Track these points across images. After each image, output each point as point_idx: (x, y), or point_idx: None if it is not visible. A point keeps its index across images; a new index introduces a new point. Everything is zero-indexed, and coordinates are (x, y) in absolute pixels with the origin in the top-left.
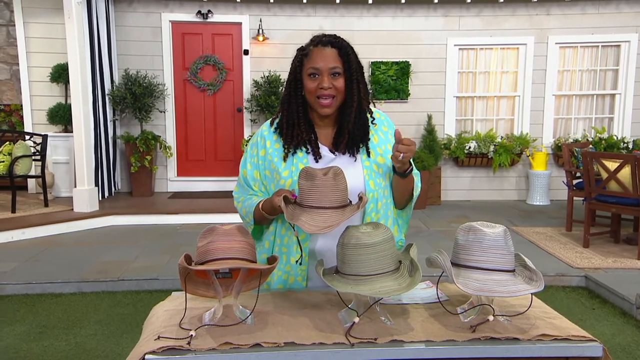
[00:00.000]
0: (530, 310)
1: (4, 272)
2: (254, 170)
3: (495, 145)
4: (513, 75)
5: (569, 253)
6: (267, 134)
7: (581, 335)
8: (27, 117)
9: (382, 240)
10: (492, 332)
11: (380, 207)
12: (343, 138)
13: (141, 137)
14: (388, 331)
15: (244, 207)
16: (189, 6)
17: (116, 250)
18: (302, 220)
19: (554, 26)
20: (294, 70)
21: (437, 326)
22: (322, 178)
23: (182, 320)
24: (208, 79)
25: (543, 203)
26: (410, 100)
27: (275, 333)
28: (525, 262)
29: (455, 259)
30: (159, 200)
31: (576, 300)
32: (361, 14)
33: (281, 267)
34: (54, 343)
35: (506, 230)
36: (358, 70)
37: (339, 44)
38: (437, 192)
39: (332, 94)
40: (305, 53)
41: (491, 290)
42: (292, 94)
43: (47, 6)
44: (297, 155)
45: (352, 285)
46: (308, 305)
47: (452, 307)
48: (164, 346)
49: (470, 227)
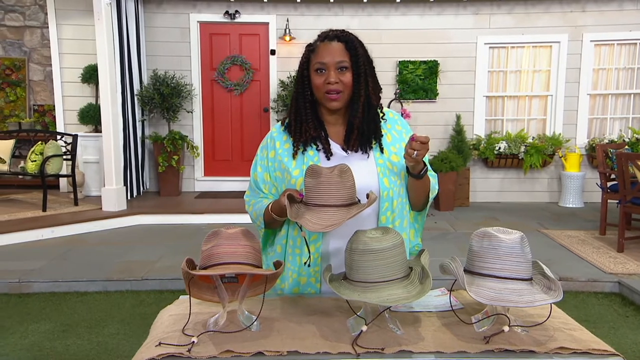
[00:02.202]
0: (549, 320)
1: (32, 270)
2: (264, 173)
3: (526, 146)
4: (545, 74)
5: (602, 258)
6: (277, 134)
7: (602, 349)
8: (59, 117)
9: (391, 245)
10: (506, 343)
11: (396, 206)
12: (353, 134)
13: (169, 137)
14: (397, 341)
15: (255, 210)
16: (217, 7)
17: (141, 250)
18: (306, 219)
19: (589, 23)
20: (301, 67)
21: (449, 336)
22: (327, 175)
23: (186, 326)
24: (235, 79)
25: (576, 205)
26: (439, 100)
27: (279, 341)
28: (544, 270)
29: (469, 266)
30: (185, 199)
31: (608, 307)
32: (389, 12)
33: (295, 269)
34: (77, 342)
35: (523, 237)
36: (367, 65)
37: (346, 38)
38: (466, 194)
39: (339, 89)
40: (312, 49)
41: (506, 299)
42: (300, 91)
43: (79, 8)
44: (308, 154)
45: (359, 292)
46: (317, 311)
47: (467, 316)
48: (164, 353)
49: (485, 233)
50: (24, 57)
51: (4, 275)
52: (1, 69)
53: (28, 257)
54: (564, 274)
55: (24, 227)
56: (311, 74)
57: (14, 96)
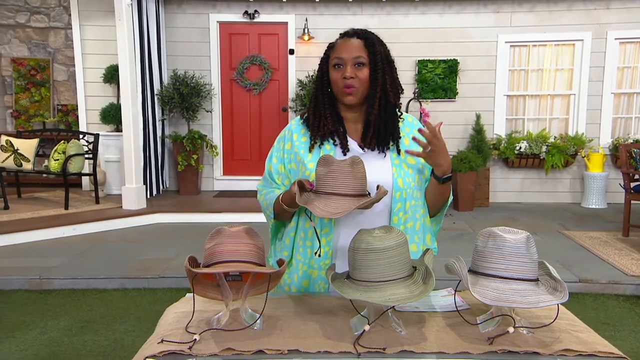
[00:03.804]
0: (556, 322)
1: (52, 267)
2: (278, 164)
3: (547, 146)
4: (568, 72)
5: (624, 259)
6: (295, 127)
7: (609, 351)
8: (82, 116)
9: (394, 244)
10: (510, 345)
11: (409, 207)
12: (370, 132)
13: (188, 136)
14: (399, 341)
15: (265, 199)
16: (236, 7)
17: (159, 248)
18: (314, 205)
19: (613, 21)
20: (321, 64)
21: (452, 337)
22: (338, 164)
23: (190, 324)
24: (254, 78)
25: (599, 206)
26: (458, 99)
27: (281, 339)
28: (550, 271)
29: (474, 266)
30: (204, 198)
31: (630, 310)
32: (408, 11)
33: (305, 261)
34: (94, 338)
35: (529, 237)
36: (385, 62)
37: (365, 35)
38: (486, 194)
39: (355, 84)
40: (332, 46)
41: (510, 300)
42: (320, 87)
43: (101, 9)
44: (325, 148)
45: (361, 292)
46: (321, 310)
47: (473, 316)
48: (165, 350)
49: (490, 233)
50: (48, 58)
51: (25, 272)
52: (26, 69)
53: (49, 254)
54: (583, 275)
55: (47, 224)
56: (330, 69)
57: (38, 96)
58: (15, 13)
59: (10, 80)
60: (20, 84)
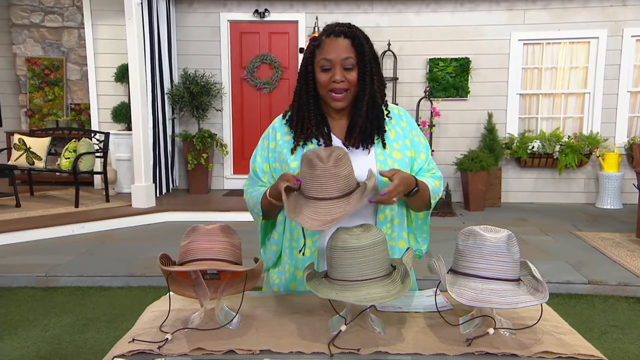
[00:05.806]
0: (539, 323)
1: (59, 265)
2: (263, 163)
3: (561, 145)
4: (583, 71)
5: (636, 261)
6: (279, 125)
7: (589, 354)
8: (94, 115)
9: (371, 243)
10: (489, 346)
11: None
12: (355, 131)
13: (198, 135)
14: (375, 341)
15: (252, 197)
16: (247, 5)
17: (166, 246)
18: (304, 215)
19: (630, 18)
20: (305, 62)
21: (431, 338)
22: (322, 167)
23: (165, 323)
24: (264, 77)
25: (614, 207)
26: (470, 98)
27: (254, 339)
28: (532, 271)
29: (454, 266)
30: (214, 197)
31: (639, 313)
32: (419, 9)
33: (292, 263)
34: (95, 336)
35: (511, 236)
36: (373, 62)
37: (353, 34)
38: (497, 194)
39: (345, 87)
40: (317, 44)
41: (487, 300)
42: (304, 86)
43: (113, 8)
44: (308, 147)
45: (337, 291)
46: (301, 310)
47: (456, 317)
48: (134, 350)
49: (471, 232)
50: (62, 57)
51: (32, 269)
52: (40, 68)
53: (57, 251)
54: (592, 277)
55: (56, 222)
56: (316, 70)
57: (52, 95)
58: (29, 13)
59: (25, 80)
60: (35, 83)
